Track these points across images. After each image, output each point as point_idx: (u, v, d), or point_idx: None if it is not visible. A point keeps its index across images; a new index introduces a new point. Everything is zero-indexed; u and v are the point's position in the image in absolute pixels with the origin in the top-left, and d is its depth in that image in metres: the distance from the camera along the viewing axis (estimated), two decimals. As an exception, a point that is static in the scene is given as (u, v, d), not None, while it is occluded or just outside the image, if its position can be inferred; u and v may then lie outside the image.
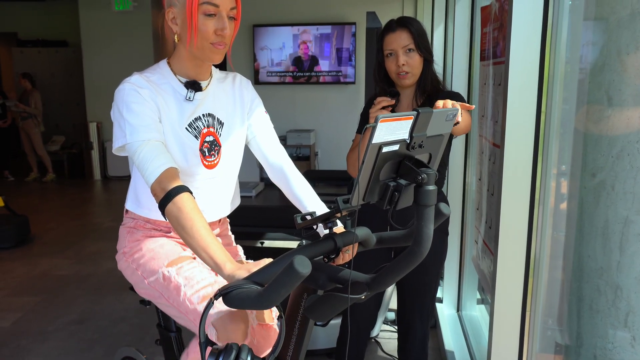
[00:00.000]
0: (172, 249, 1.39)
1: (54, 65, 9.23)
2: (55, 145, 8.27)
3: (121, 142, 1.26)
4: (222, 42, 1.29)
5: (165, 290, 1.32)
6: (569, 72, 1.47)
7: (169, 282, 1.31)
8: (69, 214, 5.80)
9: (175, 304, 1.30)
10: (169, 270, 1.32)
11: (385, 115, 0.81)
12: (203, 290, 1.27)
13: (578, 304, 1.39)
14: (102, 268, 4.01)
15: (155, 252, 1.38)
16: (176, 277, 1.30)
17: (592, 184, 1.35)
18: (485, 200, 2.13)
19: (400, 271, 0.93)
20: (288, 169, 1.46)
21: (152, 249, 1.39)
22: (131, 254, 1.42)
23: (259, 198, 6.07)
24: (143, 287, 1.40)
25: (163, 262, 1.35)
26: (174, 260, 1.35)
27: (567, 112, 1.48)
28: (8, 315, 3.20)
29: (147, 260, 1.38)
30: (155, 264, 1.36)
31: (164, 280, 1.32)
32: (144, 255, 1.39)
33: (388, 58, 1.78)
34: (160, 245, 1.40)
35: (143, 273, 1.38)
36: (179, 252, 1.38)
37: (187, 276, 1.31)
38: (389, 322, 2.93)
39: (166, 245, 1.40)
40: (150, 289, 1.36)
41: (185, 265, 1.34)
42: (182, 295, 1.27)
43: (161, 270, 1.33)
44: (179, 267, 1.33)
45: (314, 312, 1.04)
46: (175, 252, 1.38)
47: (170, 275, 1.31)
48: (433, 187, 0.89)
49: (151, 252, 1.38)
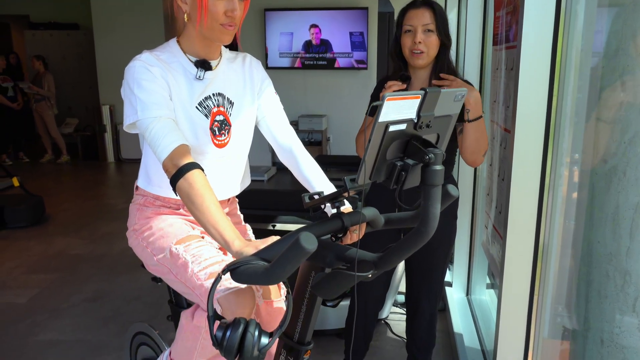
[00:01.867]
0: (181, 228, 1.41)
1: (65, 48, 9.26)
2: (69, 128, 8.34)
3: (132, 118, 1.27)
4: (232, 23, 1.29)
5: (174, 266, 1.34)
6: (582, 56, 1.45)
7: (177, 259, 1.33)
8: (83, 195, 5.88)
9: (183, 280, 1.32)
10: (177, 247, 1.34)
11: (392, 94, 0.82)
12: (210, 267, 1.29)
13: (586, 288, 1.39)
14: (116, 248, 4.07)
15: (165, 231, 1.40)
16: (184, 254, 1.33)
17: (604, 169, 1.34)
18: (495, 186, 2.13)
19: (407, 250, 0.94)
20: (297, 150, 1.47)
21: (161, 228, 1.41)
22: (141, 231, 1.45)
23: (271, 182, 6.10)
24: (152, 264, 1.42)
25: (172, 240, 1.37)
26: (183, 238, 1.37)
27: (579, 97, 1.47)
28: (25, 292, 3.27)
29: (156, 239, 1.40)
30: (164, 242, 1.38)
31: (171, 257, 1.34)
32: (154, 233, 1.41)
33: (406, 34, 1.77)
34: (169, 224, 1.42)
35: (152, 250, 1.40)
36: (188, 231, 1.40)
37: (195, 253, 1.33)
38: (399, 304, 2.95)
39: (175, 224, 1.42)
40: (159, 265, 1.39)
41: (193, 243, 1.36)
42: (190, 271, 1.29)
43: (169, 248, 1.35)
44: (187, 245, 1.35)
45: (321, 289, 1.06)
46: (184, 230, 1.40)
47: (178, 252, 1.33)
48: (440, 167, 0.89)
49: (160, 231, 1.41)
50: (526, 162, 1.49)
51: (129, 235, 1.50)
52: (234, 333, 0.95)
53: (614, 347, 1.26)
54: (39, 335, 2.74)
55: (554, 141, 1.49)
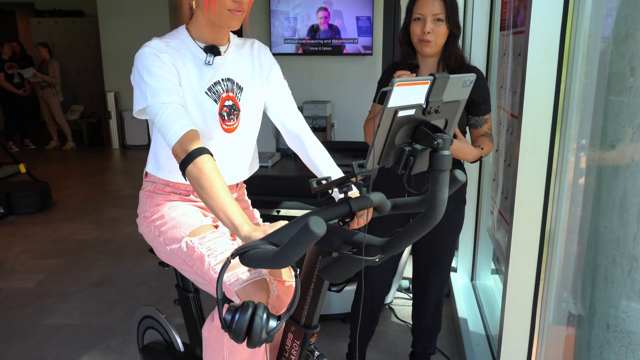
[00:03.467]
0: (193, 217, 1.42)
1: (70, 35, 9.25)
2: (74, 115, 8.36)
3: (142, 104, 1.27)
4: (240, 8, 1.29)
5: (189, 258, 1.35)
6: (590, 42, 1.44)
7: (192, 252, 1.34)
8: (88, 181, 5.91)
9: (199, 272, 1.34)
10: (192, 239, 1.35)
11: (401, 80, 0.82)
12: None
13: (593, 274, 1.40)
14: (122, 233, 4.10)
15: (177, 221, 1.40)
16: (200, 247, 1.33)
17: (612, 155, 1.34)
18: (502, 171, 2.13)
19: (414, 235, 0.95)
20: (305, 136, 1.47)
21: (173, 217, 1.42)
22: (152, 219, 1.45)
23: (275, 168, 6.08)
24: (165, 253, 1.43)
25: (185, 231, 1.37)
26: (196, 229, 1.38)
27: (587, 82, 1.46)
28: (32, 277, 3.31)
29: (169, 228, 1.41)
30: (177, 232, 1.39)
31: (187, 249, 1.35)
32: (166, 222, 1.42)
33: (415, 22, 1.76)
34: (181, 214, 1.42)
35: (165, 240, 1.41)
36: (200, 220, 1.41)
37: (210, 246, 1.34)
38: (403, 289, 2.97)
39: (187, 213, 1.43)
40: (173, 255, 1.40)
41: (207, 235, 1.37)
42: (207, 265, 1.31)
43: (185, 240, 1.36)
44: (202, 237, 1.36)
45: (329, 273, 1.06)
46: (197, 220, 1.41)
47: (194, 244, 1.34)
48: (448, 152, 0.89)
49: (173, 220, 1.41)
50: (533, 148, 1.49)
51: (139, 222, 1.51)
52: (243, 316, 0.96)
53: (619, 333, 1.26)
54: (47, 319, 2.77)
55: (561, 127, 1.48)
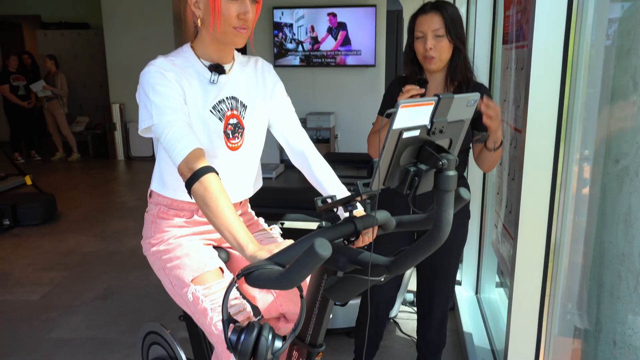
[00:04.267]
0: (197, 260, 1.41)
1: (76, 47, 9.34)
2: (80, 126, 8.42)
3: (147, 123, 1.28)
4: (245, 25, 1.30)
5: (194, 308, 1.37)
6: (593, 56, 1.44)
7: (197, 303, 1.35)
8: (93, 192, 5.93)
9: (201, 323, 1.36)
10: (197, 289, 1.36)
11: (406, 101, 0.82)
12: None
13: (598, 289, 1.39)
14: (126, 245, 4.11)
15: (182, 262, 1.40)
16: (204, 300, 1.34)
17: (616, 170, 1.34)
18: (505, 185, 2.13)
19: (420, 255, 0.95)
20: (309, 153, 1.48)
21: (178, 257, 1.41)
22: (157, 251, 1.45)
23: (279, 180, 6.11)
24: (169, 289, 1.45)
25: (189, 276, 1.38)
26: (202, 277, 1.38)
27: (591, 97, 1.46)
28: (38, 289, 3.31)
29: (174, 267, 1.41)
30: (182, 274, 1.39)
31: (192, 299, 1.36)
32: (171, 259, 1.42)
33: (417, 40, 1.77)
34: (186, 254, 1.42)
35: (170, 278, 1.42)
36: (205, 264, 1.40)
37: (214, 300, 1.35)
38: (408, 303, 2.96)
39: (192, 253, 1.42)
40: (177, 295, 1.42)
41: (213, 286, 1.37)
42: (209, 320, 1.32)
43: (190, 290, 1.36)
44: (207, 287, 1.36)
45: (334, 293, 1.06)
46: (202, 263, 1.40)
47: (199, 295, 1.35)
48: (453, 172, 0.89)
49: (177, 260, 1.41)
50: (537, 163, 1.49)
51: (143, 244, 1.51)
52: (248, 337, 0.96)
53: (627, 349, 1.26)
54: (52, 332, 2.78)
55: (565, 141, 1.48)
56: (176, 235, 1.45)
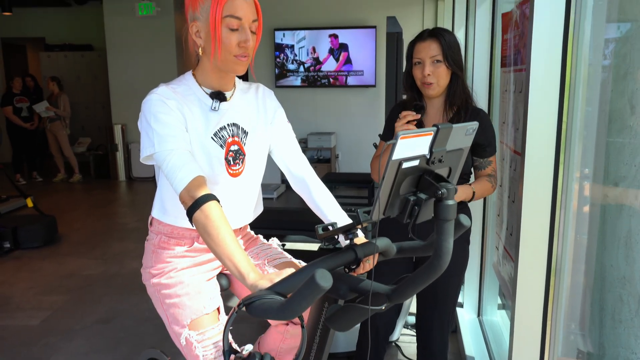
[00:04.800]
0: (197, 301, 1.42)
1: (79, 68, 9.44)
2: (82, 147, 8.47)
3: (149, 151, 1.29)
4: (246, 53, 1.32)
5: (187, 351, 1.39)
6: (590, 80, 1.46)
7: (190, 348, 1.37)
8: (95, 214, 5.93)
9: None
10: (191, 334, 1.37)
11: (406, 132, 0.83)
12: None
13: (600, 313, 1.39)
14: (127, 268, 4.10)
15: (181, 301, 1.41)
16: (197, 347, 1.36)
17: (615, 193, 1.35)
18: (506, 207, 2.13)
19: (421, 283, 0.95)
20: (310, 179, 1.49)
21: (179, 295, 1.42)
22: (157, 284, 1.46)
23: (281, 200, 6.12)
24: (165, 323, 1.46)
25: (187, 318, 1.39)
26: (198, 320, 1.39)
27: (589, 121, 1.48)
28: (38, 314, 3.30)
29: (172, 305, 1.42)
30: (180, 314, 1.41)
31: (186, 343, 1.38)
32: (170, 296, 1.43)
33: (416, 66, 1.80)
34: (186, 293, 1.42)
35: (168, 314, 1.44)
36: (204, 307, 1.41)
37: (207, 347, 1.37)
38: (409, 326, 2.93)
39: (192, 293, 1.42)
40: (172, 332, 1.44)
41: (208, 332, 1.39)
42: None
43: (184, 334, 1.38)
44: (201, 333, 1.38)
45: (335, 322, 1.06)
46: (201, 305, 1.41)
47: (192, 342, 1.37)
48: (453, 201, 0.90)
49: (177, 298, 1.42)
50: (537, 185, 1.49)
51: (143, 273, 1.52)
52: (250, 367, 0.96)
53: (631, 374, 1.25)
54: (51, 358, 2.75)
55: (564, 165, 1.49)
56: (177, 267, 1.45)
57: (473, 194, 1.80)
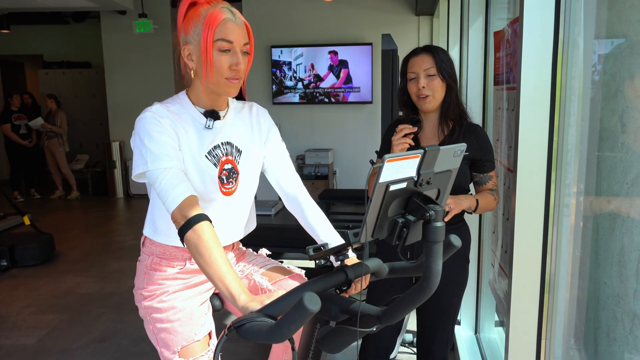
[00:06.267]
0: (189, 328, 1.43)
1: (77, 86, 9.48)
2: (80, 164, 8.47)
3: (142, 169, 1.29)
4: (237, 76, 1.34)
5: None
6: (581, 99, 1.47)
7: None
8: (92, 231, 5.92)
9: None
10: None
11: (392, 155, 0.84)
12: None
13: (595, 331, 1.38)
14: (125, 286, 4.08)
15: (172, 327, 1.42)
16: None
17: (607, 210, 1.35)
18: (501, 224, 2.13)
19: (411, 305, 0.95)
20: (303, 199, 1.49)
21: (170, 320, 1.43)
22: (150, 306, 1.46)
23: (278, 216, 6.11)
24: (155, 345, 1.47)
25: (178, 345, 1.40)
26: (189, 348, 1.40)
27: (580, 139, 1.49)
28: (34, 333, 3.27)
29: (163, 329, 1.43)
30: (171, 340, 1.41)
31: None
32: (162, 320, 1.43)
33: (410, 81, 1.81)
34: (177, 319, 1.43)
35: (158, 338, 1.44)
36: (195, 334, 1.42)
37: None
38: (407, 343, 2.92)
39: (183, 319, 1.43)
40: (161, 355, 1.45)
41: (198, 359, 1.40)
42: None
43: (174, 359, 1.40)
44: None
45: (326, 344, 1.06)
46: (192, 332, 1.42)
47: None
48: (441, 223, 0.90)
49: (169, 324, 1.42)
50: (529, 203, 1.50)
51: (135, 294, 1.52)
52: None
53: (627, 393, 1.24)
54: (47, 378, 2.73)
55: (556, 183, 1.50)
56: (169, 290, 1.45)
57: (477, 202, 1.79)
